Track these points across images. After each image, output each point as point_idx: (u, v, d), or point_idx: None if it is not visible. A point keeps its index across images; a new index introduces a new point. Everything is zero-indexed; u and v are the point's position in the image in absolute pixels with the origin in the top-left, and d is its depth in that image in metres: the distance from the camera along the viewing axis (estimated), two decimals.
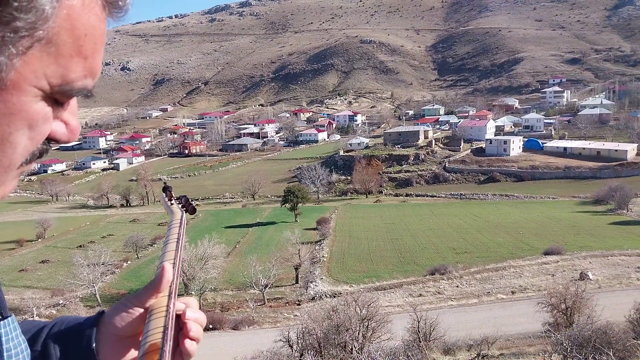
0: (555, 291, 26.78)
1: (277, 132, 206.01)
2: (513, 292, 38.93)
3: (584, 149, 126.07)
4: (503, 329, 29.56)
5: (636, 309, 19.84)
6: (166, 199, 1.80)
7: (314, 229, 75.15)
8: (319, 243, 67.13)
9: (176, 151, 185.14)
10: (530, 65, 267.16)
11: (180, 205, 1.70)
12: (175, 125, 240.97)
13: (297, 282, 52.02)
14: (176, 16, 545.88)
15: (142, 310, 1.18)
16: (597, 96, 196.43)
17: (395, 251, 60.11)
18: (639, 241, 55.48)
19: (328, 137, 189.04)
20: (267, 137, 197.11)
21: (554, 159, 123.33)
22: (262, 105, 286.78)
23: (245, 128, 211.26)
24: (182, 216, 1.58)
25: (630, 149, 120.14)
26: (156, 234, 73.99)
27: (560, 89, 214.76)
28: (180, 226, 1.50)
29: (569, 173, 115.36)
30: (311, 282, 50.70)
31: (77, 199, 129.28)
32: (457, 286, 43.33)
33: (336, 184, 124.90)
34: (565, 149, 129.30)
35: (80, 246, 70.20)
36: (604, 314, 23.87)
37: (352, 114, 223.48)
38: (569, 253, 50.00)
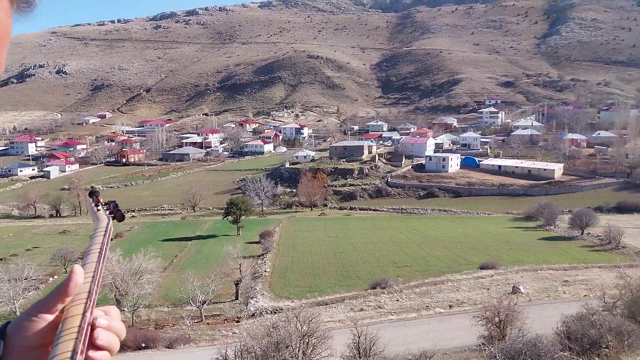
0: (489, 305, 27.62)
1: (221, 143, 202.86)
2: (451, 306, 39.84)
3: (516, 167, 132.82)
4: (441, 343, 30.09)
5: (563, 321, 20.69)
6: (93, 205, 1.67)
7: (256, 243, 74.03)
8: (261, 257, 66.03)
9: (113, 160, 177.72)
10: (468, 86, 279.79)
11: (107, 212, 1.57)
12: (114, 132, 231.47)
13: (237, 298, 50.68)
14: (119, 21, 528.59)
15: (50, 317, 1.11)
16: (528, 118, 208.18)
17: (338, 265, 60.15)
18: (565, 256, 58.77)
19: (274, 149, 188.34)
20: (211, 147, 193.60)
21: (489, 176, 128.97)
22: (206, 114, 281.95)
23: (188, 137, 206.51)
24: (108, 223, 1.46)
25: (557, 169, 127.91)
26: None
27: (495, 110, 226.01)
28: (105, 234, 1.38)
29: (503, 190, 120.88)
30: (252, 297, 49.57)
31: (0, 208, 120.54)
32: (397, 300, 43.83)
33: (281, 197, 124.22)
34: (499, 167, 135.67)
35: (1, 259, 65.28)
36: (534, 327, 24.83)
37: (299, 126, 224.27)
38: (502, 267, 52.04)
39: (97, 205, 1.65)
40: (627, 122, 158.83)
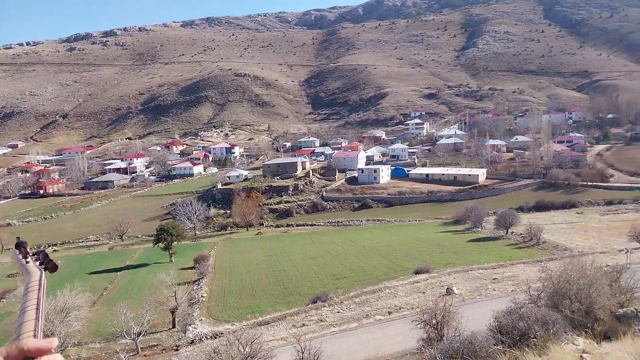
0: (426, 308, 28.33)
1: (147, 167, 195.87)
2: (390, 313, 40.51)
3: (443, 174, 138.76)
4: (382, 349, 30.45)
5: (494, 317, 21.57)
6: (20, 257, 1.49)
7: (191, 268, 71.77)
8: (197, 282, 63.99)
9: (29, 192, 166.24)
10: (394, 99, 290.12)
11: (38, 263, 1.40)
12: (28, 162, 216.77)
13: (174, 326, 48.62)
14: (28, 44, 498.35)
15: None
16: (451, 127, 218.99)
17: (277, 283, 59.49)
18: (493, 255, 61.83)
19: (204, 171, 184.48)
20: (136, 172, 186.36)
21: (418, 185, 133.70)
22: (130, 138, 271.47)
23: (111, 163, 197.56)
24: (40, 276, 1.29)
25: (480, 174, 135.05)
26: (4, 287, 64.71)
27: (420, 121, 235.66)
28: (39, 289, 1.21)
29: (431, 197, 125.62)
30: (190, 324, 47.74)
31: None
32: (338, 312, 43.97)
33: (215, 219, 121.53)
34: (427, 175, 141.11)
35: None
36: (469, 325, 25.75)
37: (230, 146, 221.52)
38: (436, 270, 53.79)
39: (25, 257, 1.49)
40: (540, 127, 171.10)
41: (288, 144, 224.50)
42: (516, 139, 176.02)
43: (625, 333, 15.08)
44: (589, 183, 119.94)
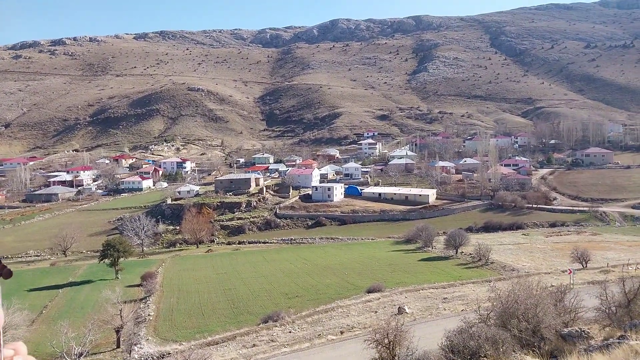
0: (378, 327, 28.32)
1: (94, 180, 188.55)
2: (342, 332, 40.23)
3: (395, 194, 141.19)
4: None
5: (446, 336, 21.75)
6: None
7: (138, 286, 69.14)
8: (144, 300, 61.61)
9: None
10: (348, 119, 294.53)
11: None
12: None
13: (118, 346, 46.43)
14: None
15: None
16: (403, 148, 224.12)
17: (228, 302, 58.08)
18: (443, 274, 63.00)
19: (154, 185, 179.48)
20: (83, 185, 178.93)
21: (371, 204, 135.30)
22: (77, 150, 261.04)
23: (56, 176, 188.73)
24: None
25: (431, 194, 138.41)
26: None
27: (373, 142, 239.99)
28: None
29: (384, 216, 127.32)
30: (135, 344, 45.70)
31: None
32: (290, 332, 43.26)
33: (163, 235, 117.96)
34: (380, 194, 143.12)
35: None
36: (421, 344, 25.92)
37: (181, 160, 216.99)
38: (388, 289, 54.12)
39: None
40: (488, 150, 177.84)
41: (242, 160, 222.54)
42: (465, 161, 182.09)
43: (571, 352, 15.53)
44: (534, 205, 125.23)
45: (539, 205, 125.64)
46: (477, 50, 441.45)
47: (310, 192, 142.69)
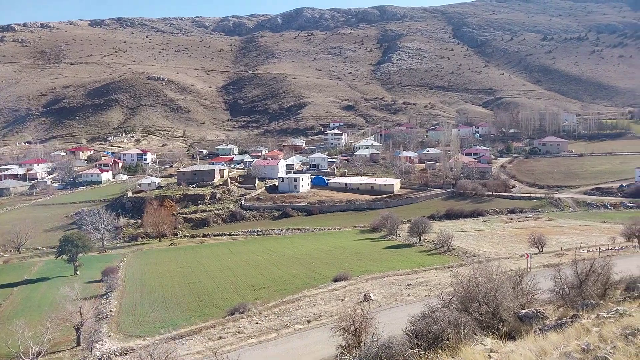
0: (345, 315, 28.57)
1: (49, 173, 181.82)
2: (309, 321, 40.44)
3: (361, 184, 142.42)
4: (302, 358, 30.27)
5: (410, 322, 22.11)
6: None
7: (99, 281, 67.51)
8: (105, 296, 60.23)
9: None
10: (314, 109, 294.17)
11: None
12: None
13: (79, 344, 45.19)
14: None
15: None
16: (368, 138, 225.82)
17: (193, 295, 57.44)
18: (407, 262, 64.16)
19: (114, 178, 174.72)
20: (37, 179, 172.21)
21: (337, 194, 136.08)
22: (29, 142, 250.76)
23: (7, 169, 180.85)
24: None
25: (395, 183, 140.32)
26: None
27: (339, 132, 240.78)
28: None
29: (350, 205, 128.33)
30: (97, 341, 44.60)
31: None
32: (257, 323, 43.17)
33: (125, 229, 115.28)
34: (346, 184, 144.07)
35: None
36: (386, 330, 26.32)
37: (141, 152, 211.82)
38: (354, 278, 54.74)
39: None
40: (450, 140, 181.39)
41: (205, 151, 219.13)
42: (428, 150, 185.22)
43: (527, 332, 16.06)
44: (494, 193, 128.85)
45: (498, 193, 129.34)
46: (440, 41, 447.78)
47: (276, 183, 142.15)
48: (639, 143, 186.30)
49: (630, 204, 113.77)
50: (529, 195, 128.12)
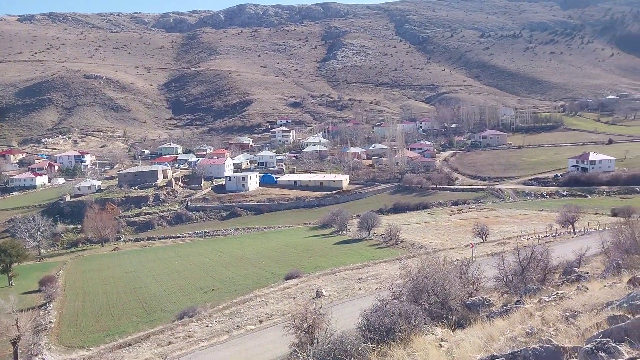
0: (297, 313, 28.40)
1: None
2: (261, 321, 39.98)
3: (310, 181, 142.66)
4: (255, 359, 29.85)
5: (362, 315, 22.20)
6: None
7: (36, 292, 63.85)
8: (44, 307, 57.19)
9: None
10: (260, 107, 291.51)
11: None
12: None
13: (16, 359, 42.53)
14: None
15: None
16: (316, 135, 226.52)
17: (139, 301, 55.47)
18: (357, 256, 64.86)
19: (50, 182, 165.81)
20: None
21: (287, 191, 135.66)
22: None
23: None
24: None
25: (344, 179, 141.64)
26: None
27: (287, 129, 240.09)
28: None
29: (299, 203, 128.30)
30: (36, 355, 42.30)
31: None
32: (207, 325, 42.23)
33: (63, 235, 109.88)
34: (295, 182, 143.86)
35: None
36: (338, 325, 26.36)
37: (79, 154, 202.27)
38: (306, 275, 54.69)
39: None
40: (395, 135, 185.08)
41: (147, 151, 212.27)
42: (374, 146, 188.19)
43: (475, 320, 16.47)
44: (438, 186, 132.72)
45: (442, 186, 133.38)
46: (383, 38, 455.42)
47: (223, 183, 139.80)
48: (571, 135, 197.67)
49: (564, 193, 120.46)
50: (471, 187, 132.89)
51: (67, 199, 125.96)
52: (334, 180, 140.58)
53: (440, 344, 12.83)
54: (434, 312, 20.78)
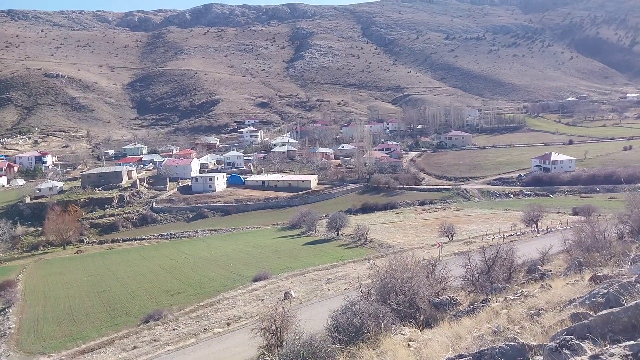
0: (265, 315, 28.13)
1: None
2: (229, 324, 39.44)
3: (278, 181, 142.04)
4: None
5: (331, 316, 22.14)
6: None
7: None
8: (2, 312, 55.55)
9: None
10: (227, 107, 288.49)
11: None
12: None
13: None
14: None
15: None
16: (284, 136, 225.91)
17: (103, 305, 54.01)
18: (326, 256, 64.92)
19: (8, 183, 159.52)
20: None
21: (255, 192, 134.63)
22: None
23: None
24: None
25: (312, 180, 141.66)
26: None
27: (254, 129, 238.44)
28: None
29: (268, 203, 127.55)
30: None
31: None
32: (174, 329, 41.40)
33: (23, 238, 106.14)
34: (263, 182, 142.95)
35: None
36: (307, 327, 26.24)
37: (40, 154, 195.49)
38: (274, 276, 54.31)
39: None
40: (363, 136, 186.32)
41: (111, 152, 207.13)
42: (343, 147, 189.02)
43: (443, 319, 16.63)
44: (405, 186, 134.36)
45: (409, 186, 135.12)
46: (350, 40, 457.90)
47: (189, 183, 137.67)
48: (534, 135, 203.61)
49: (528, 192, 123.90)
50: (437, 187, 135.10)
51: (27, 200, 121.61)
52: (303, 181, 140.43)
53: (408, 344, 12.86)
54: (403, 311, 20.90)
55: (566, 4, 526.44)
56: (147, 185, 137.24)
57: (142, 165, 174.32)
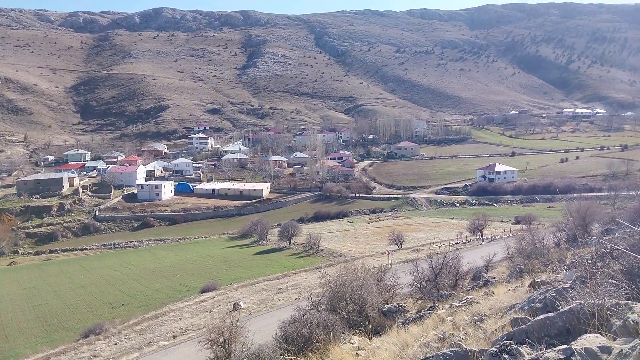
0: (213, 327, 27.38)
1: None
2: (175, 337, 38.15)
3: (229, 189, 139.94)
4: None
5: (280, 327, 21.80)
6: None
7: None
8: None
9: None
10: (176, 112, 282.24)
11: None
12: None
13: None
14: None
15: None
16: (236, 143, 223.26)
17: (38, 320, 51.00)
18: (277, 266, 64.29)
19: None
20: None
21: (204, 200, 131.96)
22: None
23: None
24: None
25: (265, 188, 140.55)
26: None
27: (205, 136, 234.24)
28: None
29: (218, 212, 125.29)
30: None
31: None
32: (116, 343, 39.58)
33: None
34: (213, 190, 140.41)
35: None
36: (256, 338, 25.73)
37: None
38: (223, 287, 53.16)
39: None
40: (316, 144, 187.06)
41: (51, 158, 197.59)
42: (296, 155, 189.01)
43: (391, 326, 16.69)
44: (357, 195, 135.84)
45: (361, 195, 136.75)
46: (303, 49, 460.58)
47: (135, 191, 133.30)
48: (479, 147, 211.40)
49: (473, 202, 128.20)
50: (388, 195, 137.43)
51: None
52: (255, 189, 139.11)
53: (357, 353, 12.77)
54: (352, 320, 20.85)
55: (509, 22, 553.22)
56: (90, 193, 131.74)
57: (85, 172, 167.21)
